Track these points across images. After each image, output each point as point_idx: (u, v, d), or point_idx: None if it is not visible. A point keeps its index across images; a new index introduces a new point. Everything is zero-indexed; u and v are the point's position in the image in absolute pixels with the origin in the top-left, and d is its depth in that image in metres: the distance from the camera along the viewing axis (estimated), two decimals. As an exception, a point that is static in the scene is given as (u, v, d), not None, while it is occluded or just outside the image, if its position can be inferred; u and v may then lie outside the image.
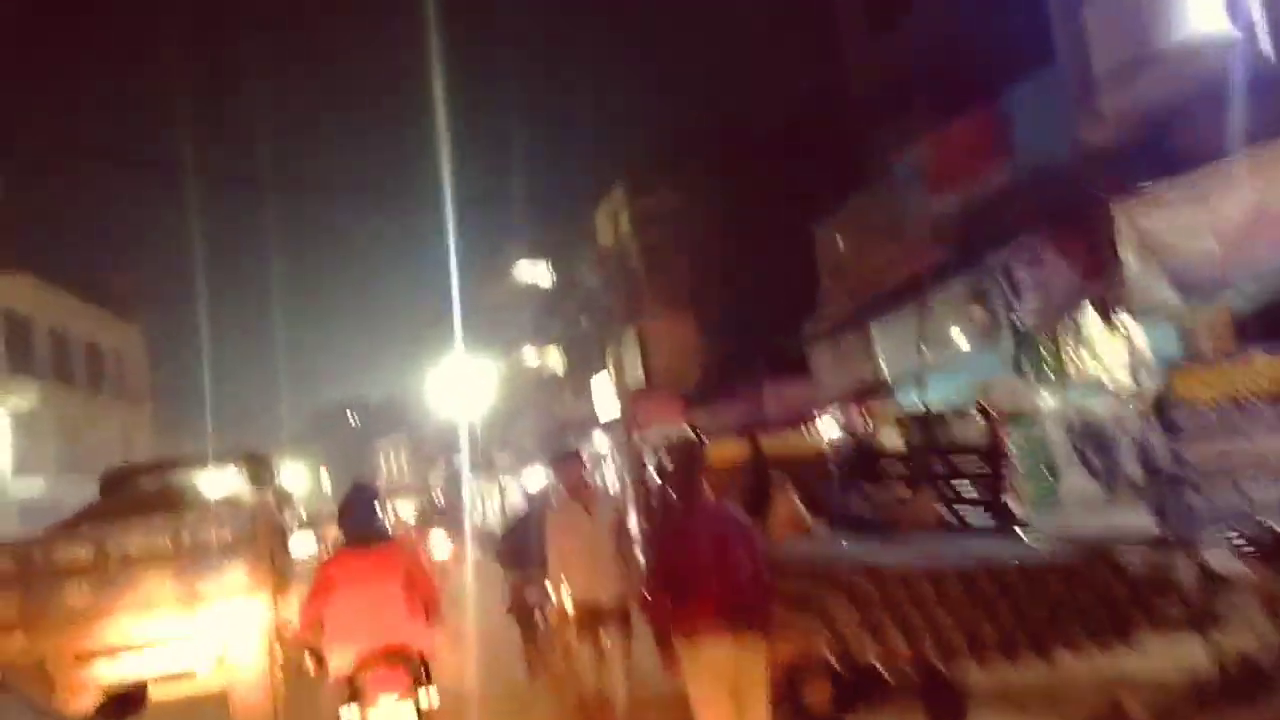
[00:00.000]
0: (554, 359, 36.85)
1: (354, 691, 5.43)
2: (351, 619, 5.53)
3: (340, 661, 5.55)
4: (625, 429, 17.52)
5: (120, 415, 41.78)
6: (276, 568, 8.74)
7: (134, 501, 9.47)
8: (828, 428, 12.69)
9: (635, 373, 21.68)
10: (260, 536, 8.32)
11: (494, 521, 36.39)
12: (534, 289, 37.96)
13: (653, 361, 19.47)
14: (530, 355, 37.58)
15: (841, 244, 14.56)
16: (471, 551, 26.93)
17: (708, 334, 19.67)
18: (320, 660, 5.66)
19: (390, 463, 72.03)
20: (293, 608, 7.84)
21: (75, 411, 37.43)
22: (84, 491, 33.54)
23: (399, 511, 47.86)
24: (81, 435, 37.49)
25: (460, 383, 36.50)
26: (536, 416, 36.49)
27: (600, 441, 23.72)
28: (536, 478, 36.12)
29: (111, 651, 7.86)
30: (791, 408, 15.45)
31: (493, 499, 39.49)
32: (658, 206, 20.20)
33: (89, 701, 7.82)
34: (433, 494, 48.50)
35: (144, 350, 46.42)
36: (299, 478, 41.88)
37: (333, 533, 13.30)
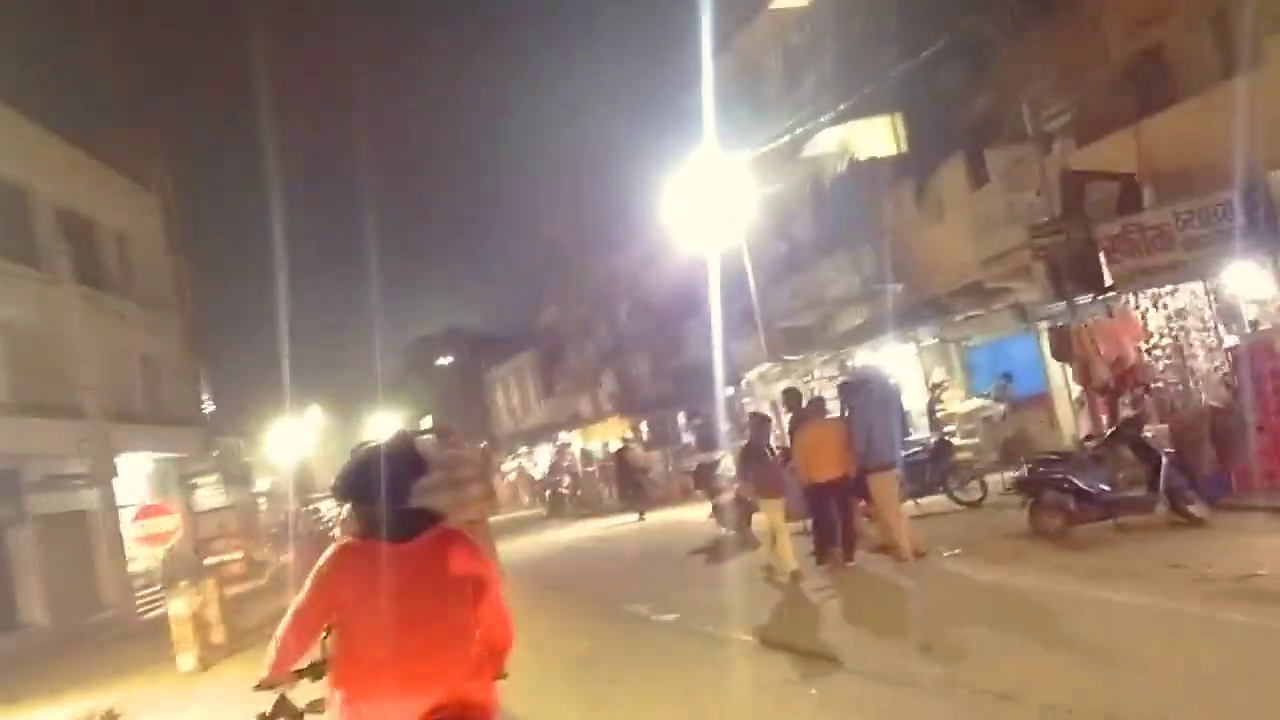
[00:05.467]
0: (879, 138, 19.61)
1: None
2: (378, 654, 3.10)
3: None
4: None
5: (133, 324, 25.77)
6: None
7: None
8: None
9: None
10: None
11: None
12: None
13: None
14: (826, 142, 20.29)
15: None
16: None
17: None
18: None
19: (509, 401, 55.70)
20: None
21: (57, 320, 21.43)
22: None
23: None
24: (65, 353, 21.48)
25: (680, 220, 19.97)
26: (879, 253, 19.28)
27: None
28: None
29: None
30: None
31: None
32: None
33: None
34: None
35: (165, 234, 30.36)
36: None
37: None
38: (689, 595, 10.41)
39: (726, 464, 16.64)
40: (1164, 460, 9.28)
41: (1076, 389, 16.54)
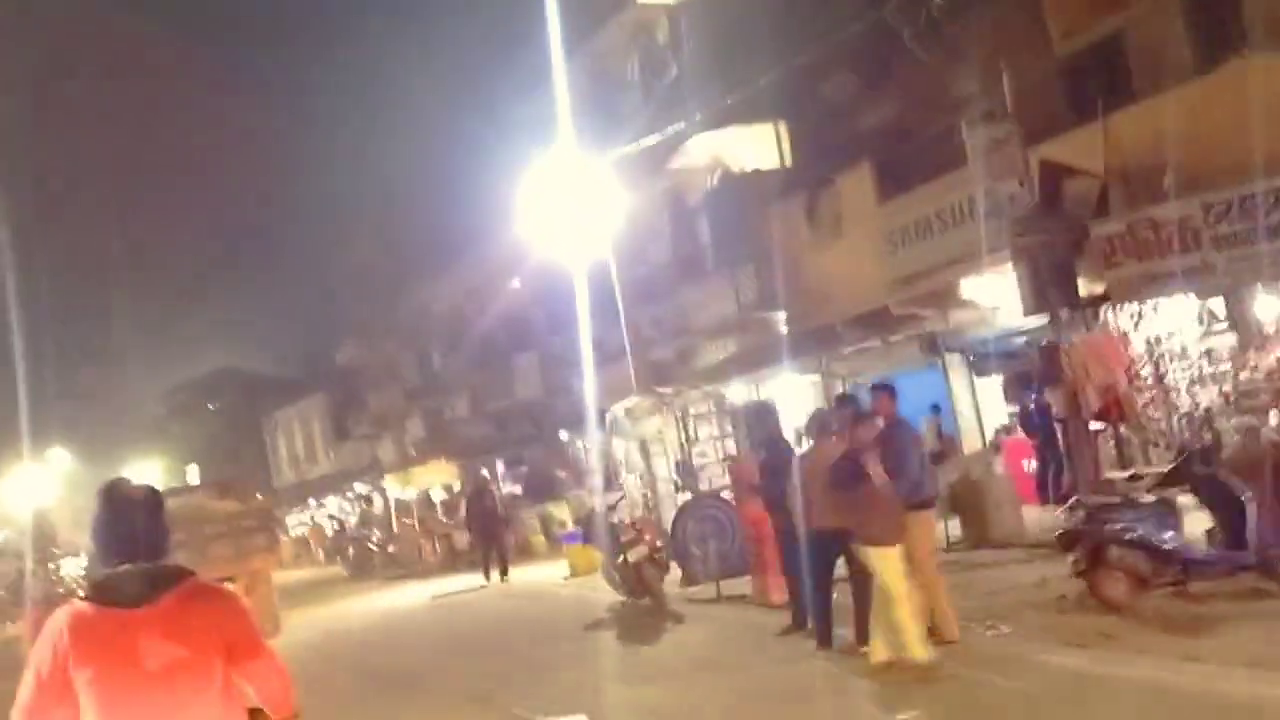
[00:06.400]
0: (759, 148, 17.54)
1: None
2: None
3: None
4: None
5: None
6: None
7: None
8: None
9: None
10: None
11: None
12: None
13: None
14: (697, 152, 18.06)
15: None
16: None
17: None
18: None
19: (293, 449, 50.82)
20: None
21: None
22: None
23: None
24: None
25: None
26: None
27: None
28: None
29: None
30: None
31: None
32: None
33: None
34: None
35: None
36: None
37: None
38: (630, 696, 7.34)
39: (626, 510, 13.74)
40: (1249, 508, 7.22)
41: (990, 430, 14.88)
